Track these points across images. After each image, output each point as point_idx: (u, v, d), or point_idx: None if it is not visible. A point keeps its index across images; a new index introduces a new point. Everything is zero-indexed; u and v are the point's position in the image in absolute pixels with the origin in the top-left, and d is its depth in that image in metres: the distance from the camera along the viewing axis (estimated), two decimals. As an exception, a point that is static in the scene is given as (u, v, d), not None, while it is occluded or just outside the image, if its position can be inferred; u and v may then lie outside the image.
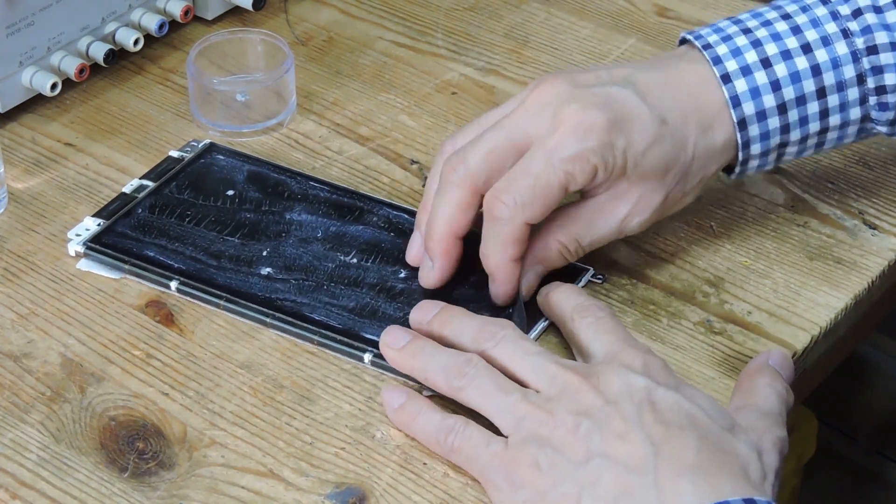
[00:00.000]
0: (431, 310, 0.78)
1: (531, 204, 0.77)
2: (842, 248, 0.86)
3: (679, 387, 0.71)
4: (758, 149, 0.81)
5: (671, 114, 0.79)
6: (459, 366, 0.73)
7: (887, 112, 0.81)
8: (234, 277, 0.82)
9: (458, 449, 0.72)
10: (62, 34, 0.96)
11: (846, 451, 1.63)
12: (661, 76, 0.80)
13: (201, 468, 0.73)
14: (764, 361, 0.76)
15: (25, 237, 0.87)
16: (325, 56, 1.02)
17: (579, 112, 0.77)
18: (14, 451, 0.74)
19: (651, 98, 0.79)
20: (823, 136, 0.82)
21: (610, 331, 0.75)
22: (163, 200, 0.88)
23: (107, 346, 0.80)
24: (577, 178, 0.77)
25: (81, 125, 0.96)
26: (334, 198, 0.88)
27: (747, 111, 0.80)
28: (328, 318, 0.80)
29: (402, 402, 0.74)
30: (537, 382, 0.72)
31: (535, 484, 0.69)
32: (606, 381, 0.71)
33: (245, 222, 0.86)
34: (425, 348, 0.75)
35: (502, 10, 1.07)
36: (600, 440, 0.68)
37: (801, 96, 0.80)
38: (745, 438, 0.70)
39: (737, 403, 0.74)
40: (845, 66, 0.80)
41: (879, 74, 0.80)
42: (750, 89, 0.80)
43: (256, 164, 0.90)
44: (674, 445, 0.68)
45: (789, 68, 0.80)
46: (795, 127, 0.81)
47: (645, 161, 0.78)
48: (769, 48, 0.80)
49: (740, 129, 0.80)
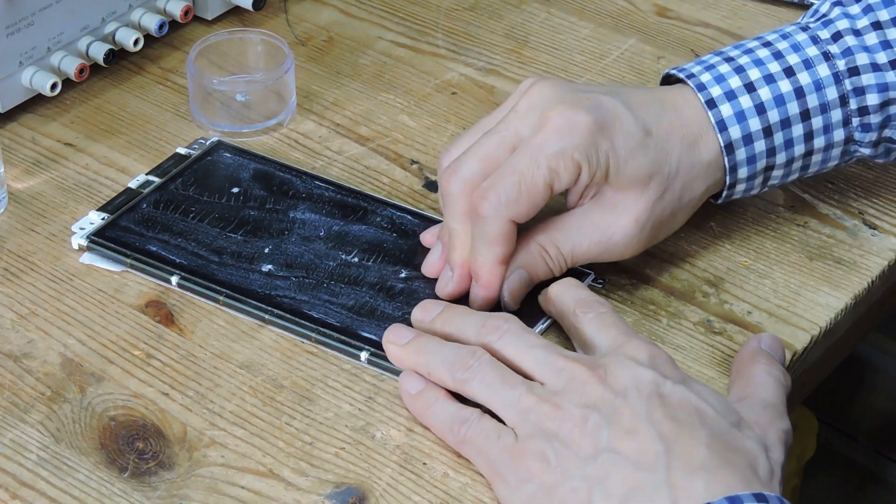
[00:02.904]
0: (433, 309, 0.78)
1: (516, 201, 0.77)
2: (842, 248, 0.86)
3: (686, 381, 0.71)
4: (745, 172, 0.82)
5: (656, 126, 0.80)
6: (463, 358, 0.73)
7: (870, 133, 0.82)
8: (235, 273, 0.83)
9: (469, 440, 0.72)
10: (62, 34, 0.96)
11: (846, 451, 1.63)
12: (648, 94, 0.81)
13: (201, 468, 0.73)
14: (756, 346, 0.77)
15: (25, 237, 0.87)
16: (325, 56, 1.02)
17: (565, 112, 0.78)
18: (14, 451, 0.74)
19: (637, 109, 0.79)
20: (808, 159, 0.83)
21: (613, 325, 0.75)
22: (167, 196, 0.88)
23: (107, 346, 0.80)
24: (562, 175, 0.77)
25: (81, 125, 0.96)
26: (339, 197, 0.88)
27: (734, 135, 0.80)
28: (326, 316, 0.80)
29: (419, 389, 0.75)
30: (543, 375, 0.72)
31: (543, 478, 0.69)
32: (614, 373, 0.71)
33: (248, 219, 0.86)
34: (429, 344, 0.75)
35: (502, 10, 1.07)
36: (609, 435, 0.68)
37: (785, 119, 0.81)
38: (751, 434, 0.70)
39: (736, 394, 0.74)
40: (828, 88, 0.81)
41: (861, 95, 0.81)
42: (735, 113, 0.81)
43: (263, 163, 0.91)
44: (685, 442, 0.68)
45: (773, 91, 0.81)
46: (781, 150, 0.82)
47: (628, 167, 0.78)
48: (752, 73, 0.81)
49: (727, 153, 0.81)
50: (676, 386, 0.70)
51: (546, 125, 0.77)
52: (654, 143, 0.79)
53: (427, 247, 0.83)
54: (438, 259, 0.82)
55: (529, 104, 0.79)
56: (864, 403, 1.63)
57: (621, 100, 0.79)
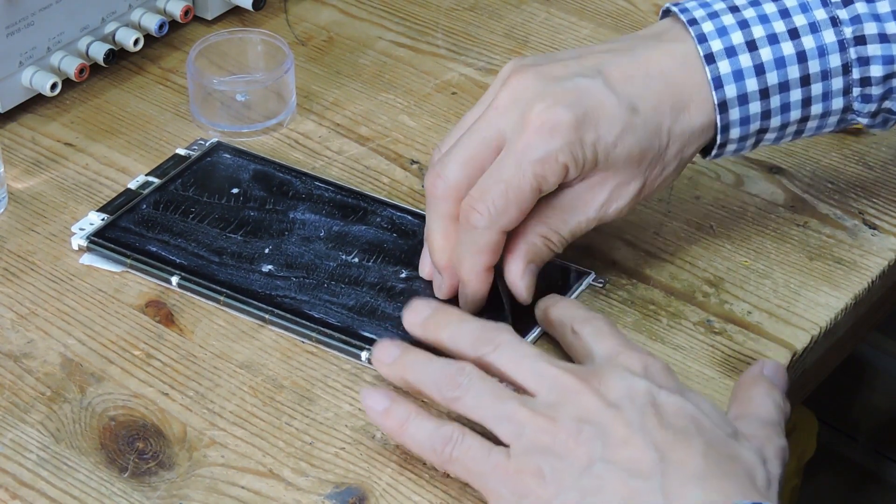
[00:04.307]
0: (423, 311, 0.76)
1: (506, 211, 0.76)
2: (842, 248, 0.86)
3: (681, 390, 0.71)
4: (737, 133, 0.80)
5: (642, 102, 0.78)
6: (452, 376, 0.72)
7: (870, 104, 0.80)
8: (236, 274, 0.83)
9: (456, 459, 0.70)
10: (62, 34, 0.96)
11: (846, 451, 1.63)
12: (634, 62, 0.79)
13: (201, 468, 0.73)
14: (758, 372, 0.75)
15: (25, 237, 0.87)
16: (325, 56, 1.02)
17: (546, 111, 0.76)
18: (14, 451, 0.74)
19: (621, 87, 0.77)
20: (803, 125, 0.81)
21: (609, 335, 0.74)
22: (167, 197, 0.88)
23: (107, 346, 0.80)
24: (549, 178, 0.76)
25: (81, 125, 0.96)
26: (339, 198, 0.88)
27: (729, 94, 0.78)
28: (327, 316, 0.80)
29: (385, 407, 0.72)
30: (537, 386, 0.71)
31: (539, 493, 0.68)
32: (607, 384, 0.70)
33: (248, 220, 0.86)
34: (416, 362, 0.73)
35: (502, 10, 1.07)
36: (603, 445, 0.68)
37: (784, 82, 0.79)
38: (748, 445, 0.69)
39: (735, 413, 0.73)
40: (831, 55, 0.79)
41: (865, 66, 0.79)
42: (733, 72, 0.78)
43: (262, 164, 0.91)
44: (680, 451, 0.67)
45: (774, 53, 0.78)
46: (777, 113, 0.80)
47: (616, 152, 0.77)
48: (756, 30, 0.79)
49: (720, 112, 0.79)
50: (672, 395, 0.69)
51: (528, 126, 0.76)
52: (642, 120, 0.77)
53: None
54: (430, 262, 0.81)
55: (510, 98, 0.77)
56: (864, 403, 1.63)
57: (602, 79, 0.77)
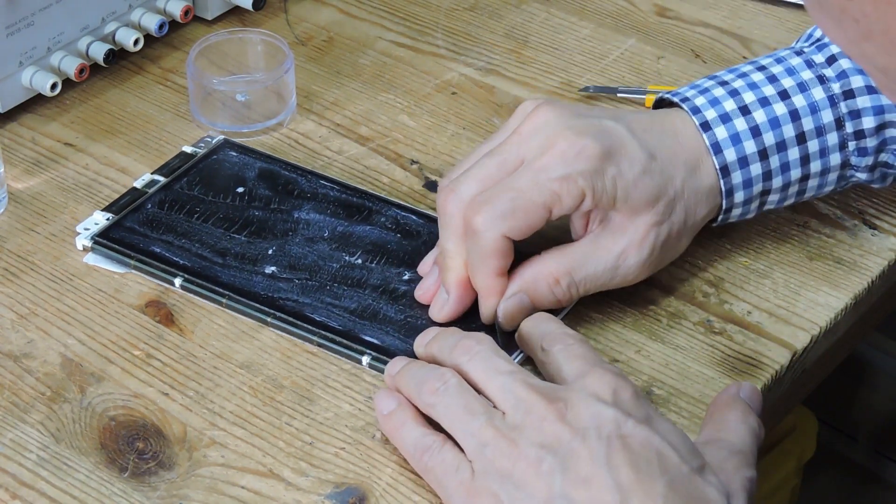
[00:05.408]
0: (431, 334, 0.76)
1: (510, 216, 0.76)
2: (842, 248, 0.86)
3: (650, 419, 0.69)
4: (741, 196, 0.81)
5: (660, 151, 0.79)
6: (431, 382, 0.72)
7: (866, 157, 0.82)
8: (238, 275, 0.83)
9: (430, 469, 0.70)
10: (62, 34, 0.96)
11: (846, 451, 1.63)
12: (648, 118, 0.81)
13: (201, 468, 0.73)
14: (735, 394, 0.74)
15: (25, 237, 0.87)
16: (325, 56, 1.02)
17: (572, 138, 0.77)
18: (14, 451, 0.74)
19: (640, 134, 0.79)
20: (805, 184, 0.83)
21: (579, 356, 0.73)
22: (173, 196, 0.88)
23: (107, 346, 0.80)
24: (564, 199, 0.76)
25: (81, 125, 0.96)
26: (343, 197, 0.88)
27: (729, 157, 0.80)
28: (329, 319, 0.80)
29: (391, 410, 0.73)
30: (504, 403, 0.70)
31: None
32: (574, 409, 0.68)
33: (253, 220, 0.86)
34: (410, 368, 0.74)
35: (502, 10, 1.07)
36: (563, 481, 0.67)
37: (781, 142, 0.81)
38: (714, 481, 0.68)
39: (707, 436, 0.72)
40: (823, 111, 0.81)
41: (857, 119, 0.81)
42: (730, 136, 0.80)
43: (268, 162, 0.90)
44: (642, 493, 0.66)
45: (768, 114, 0.81)
46: (777, 173, 0.81)
47: (635, 191, 0.78)
48: (747, 96, 0.81)
49: (723, 176, 0.80)
50: (638, 426, 0.68)
51: (552, 149, 0.77)
52: (659, 167, 0.79)
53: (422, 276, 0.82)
54: (434, 283, 0.80)
55: (534, 127, 0.78)
56: (864, 403, 1.63)
57: (625, 124, 0.79)
